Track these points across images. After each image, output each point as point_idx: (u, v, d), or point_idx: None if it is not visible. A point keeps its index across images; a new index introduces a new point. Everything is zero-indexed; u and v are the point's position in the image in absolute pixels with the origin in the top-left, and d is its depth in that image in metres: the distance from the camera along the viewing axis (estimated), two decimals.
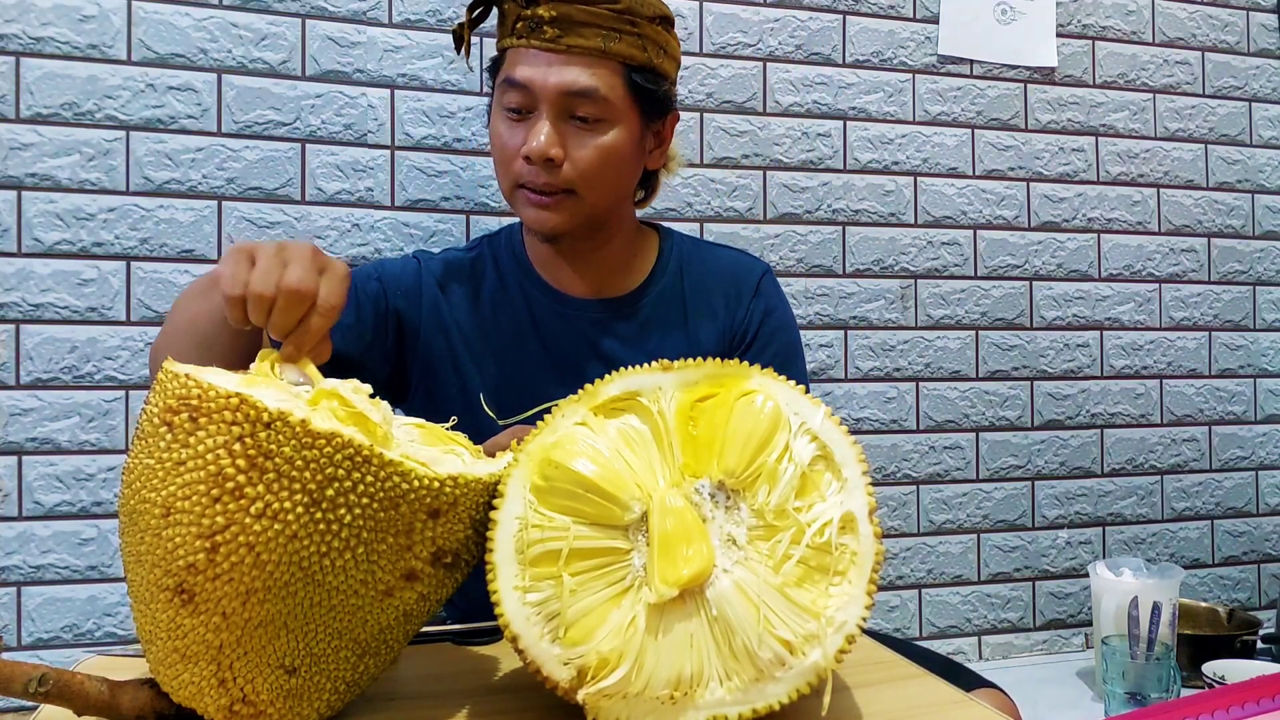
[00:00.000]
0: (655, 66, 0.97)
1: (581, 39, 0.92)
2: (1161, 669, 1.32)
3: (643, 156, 1.02)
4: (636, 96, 0.96)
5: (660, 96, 0.99)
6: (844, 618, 0.50)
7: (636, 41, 0.94)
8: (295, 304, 0.64)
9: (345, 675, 0.54)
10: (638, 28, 0.94)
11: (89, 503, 1.31)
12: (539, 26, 0.92)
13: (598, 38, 0.92)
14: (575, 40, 0.92)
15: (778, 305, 1.10)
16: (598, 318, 1.04)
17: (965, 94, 1.70)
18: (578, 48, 0.92)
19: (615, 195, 1.00)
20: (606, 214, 1.00)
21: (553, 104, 0.92)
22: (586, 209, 0.96)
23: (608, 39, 0.93)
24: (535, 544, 0.52)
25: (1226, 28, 1.85)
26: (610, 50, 0.93)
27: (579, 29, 0.92)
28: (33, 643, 1.29)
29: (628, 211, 1.07)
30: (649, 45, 0.96)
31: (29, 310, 1.29)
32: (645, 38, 0.95)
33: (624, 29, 0.94)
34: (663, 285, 1.07)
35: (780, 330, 1.08)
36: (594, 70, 0.92)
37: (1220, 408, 1.85)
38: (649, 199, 1.12)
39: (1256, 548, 1.87)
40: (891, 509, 1.67)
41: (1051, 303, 1.75)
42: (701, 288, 1.07)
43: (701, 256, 1.10)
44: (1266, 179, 1.88)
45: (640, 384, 0.57)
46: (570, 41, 0.91)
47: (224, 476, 0.47)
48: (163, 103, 1.34)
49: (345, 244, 1.41)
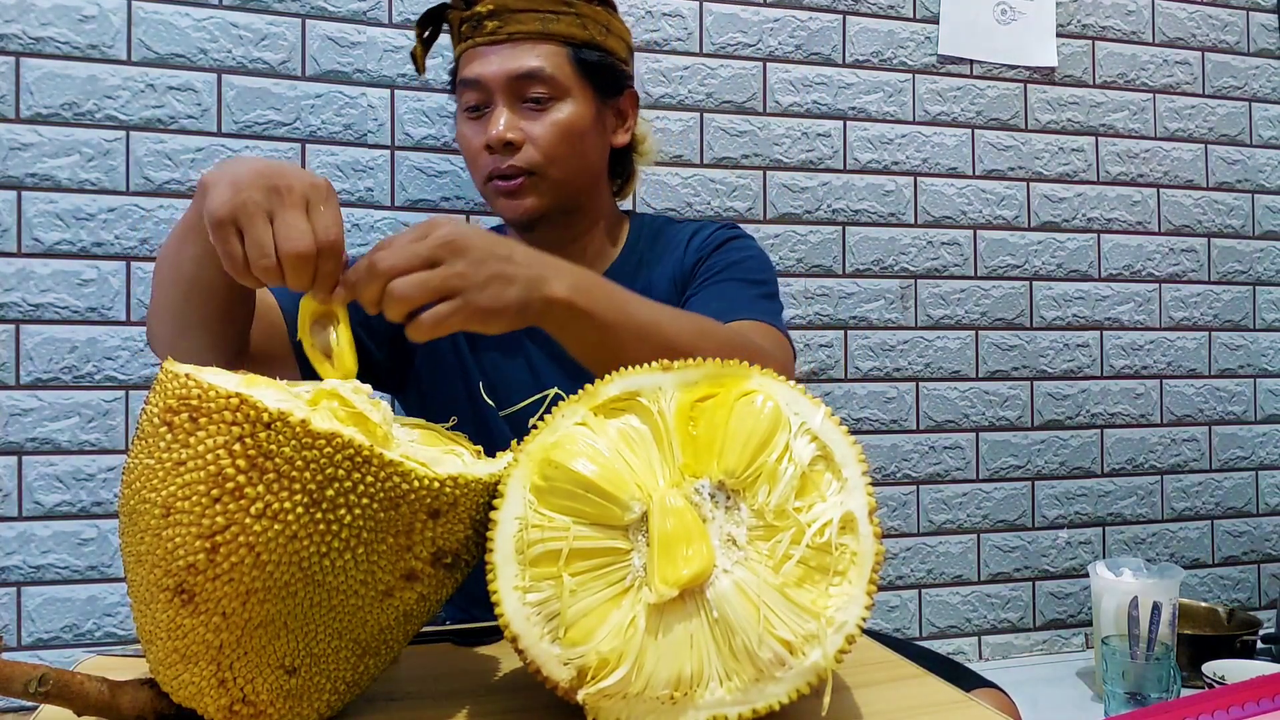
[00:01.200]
0: (599, 43, 1.00)
1: (521, 25, 0.96)
2: (1161, 669, 1.32)
3: (605, 134, 1.04)
4: (584, 74, 0.99)
5: (610, 72, 1.01)
6: (844, 618, 0.50)
7: (575, 21, 0.98)
8: (303, 266, 0.64)
9: (345, 675, 0.54)
10: (574, 8, 0.98)
11: (89, 503, 1.31)
12: (480, 24, 0.97)
13: (536, 21, 0.96)
14: (515, 27, 0.96)
15: (740, 236, 1.07)
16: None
17: (965, 94, 1.70)
18: (519, 33, 0.96)
19: (580, 172, 1.01)
20: (577, 195, 1.01)
21: (504, 91, 0.96)
22: (554, 188, 0.98)
23: (546, 21, 0.97)
24: (535, 544, 0.52)
25: (1226, 28, 1.85)
26: (550, 31, 0.97)
27: (517, 16, 0.96)
28: (33, 643, 1.29)
29: (604, 200, 1.08)
30: (589, 24, 0.99)
31: (29, 310, 1.29)
32: (584, 17, 0.99)
33: (561, 10, 0.98)
34: (631, 263, 1.08)
35: (742, 249, 1.05)
36: (536, 51, 0.96)
37: (1220, 408, 1.85)
38: (626, 187, 1.13)
39: (1256, 548, 1.87)
40: (891, 509, 1.67)
41: (1051, 303, 1.75)
42: (663, 255, 1.08)
43: (668, 231, 1.11)
44: (1266, 179, 1.88)
45: (640, 384, 0.57)
46: (510, 29, 0.96)
47: (224, 476, 0.47)
48: (163, 103, 1.34)
49: (345, 244, 1.41)
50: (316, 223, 0.65)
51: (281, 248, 0.63)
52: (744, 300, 0.97)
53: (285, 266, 0.63)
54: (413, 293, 0.65)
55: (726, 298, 0.97)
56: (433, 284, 0.66)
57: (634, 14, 1.53)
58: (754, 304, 0.97)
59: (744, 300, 0.97)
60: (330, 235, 0.65)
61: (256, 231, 0.64)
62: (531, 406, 1.01)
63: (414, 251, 0.66)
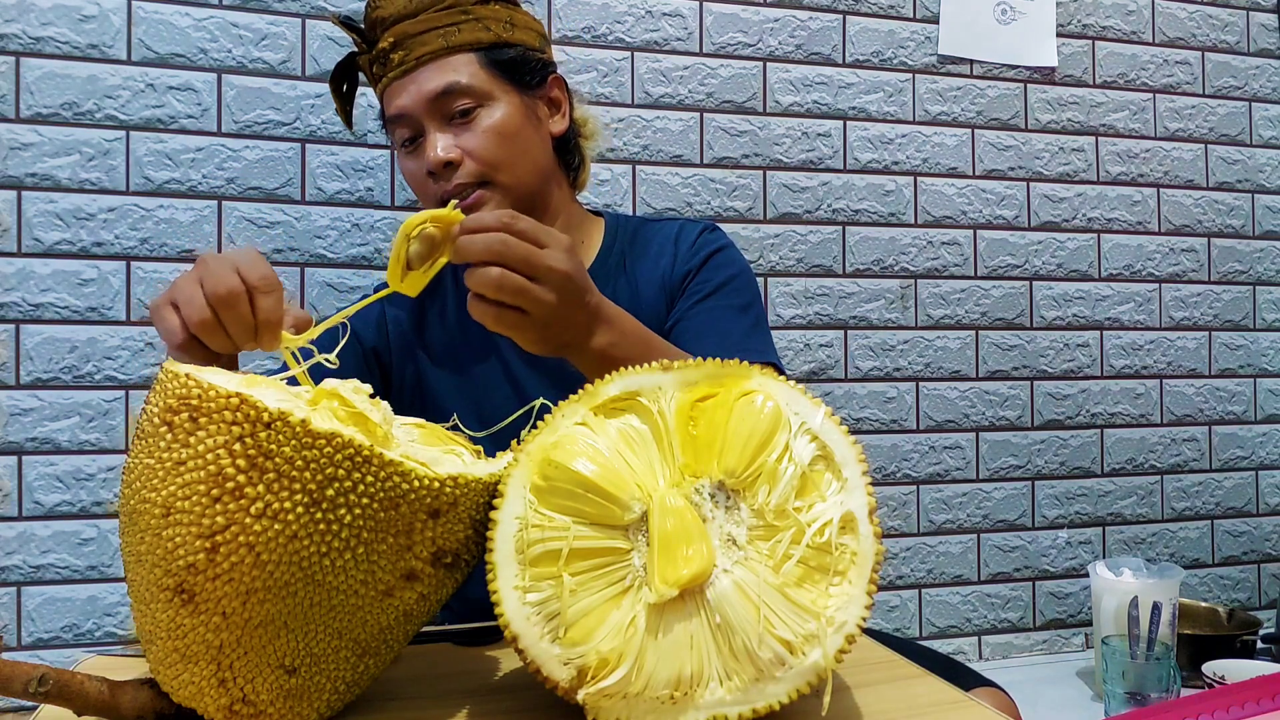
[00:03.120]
0: (506, 40, 1.00)
1: (425, 45, 0.96)
2: (1161, 669, 1.32)
3: (541, 126, 1.03)
4: (501, 73, 0.99)
5: (525, 65, 1.01)
6: (844, 618, 0.50)
7: (477, 25, 0.98)
8: (233, 304, 0.64)
9: (345, 675, 0.54)
10: (471, 14, 0.98)
11: (89, 503, 1.31)
12: (386, 59, 0.97)
13: (438, 38, 0.96)
14: (420, 50, 0.96)
15: (723, 247, 1.09)
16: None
17: (965, 94, 1.70)
18: (424, 55, 0.96)
19: (529, 170, 1.01)
20: (531, 194, 1.01)
21: (429, 115, 0.96)
22: (507, 192, 0.98)
23: (448, 35, 0.96)
24: (535, 544, 0.52)
25: (1226, 28, 1.85)
26: (454, 43, 0.97)
27: (418, 39, 0.96)
28: (33, 643, 1.29)
29: (560, 195, 1.07)
30: (490, 24, 0.99)
31: (29, 310, 1.29)
32: (483, 19, 0.99)
33: (458, 20, 0.97)
34: (609, 265, 1.07)
35: (728, 264, 1.06)
36: (447, 66, 0.96)
37: (1220, 408, 1.85)
38: (580, 175, 1.11)
39: (1256, 548, 1.87)
40: (891, 509, 1.67)
41: (1051, 303, 1.75)
42: (645, 256, 1.07)
43: (646, 231, 1.11)
44: (1266, 179, 1.88)
45: (640, 384, 0.57)
46: (417, 54, 0.96)
47: (224, 476, 0.47)
48: (163, 103, 1.34)
49: (345, 244, 1.42)
50: (244, 269, 0.65)
51: (209, 294, 0.64)
52: (739, 333, 0.99)
53: (218, 311, 0.64)
54: (489, 285, 0.70)
55: (722, 331, 0.97)
56: (509, 288, 0.70)
57: (634, 14, 1.53)
58: (750, 338, 1.00)
59: (739, 333, 0.99)
60: (256, 274, 0.65)
61: (186, 292, 0.65)
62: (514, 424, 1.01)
63: (529, 254, 0.71)
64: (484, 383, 1.03)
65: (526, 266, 0.71)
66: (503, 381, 1.03)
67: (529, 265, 0.71)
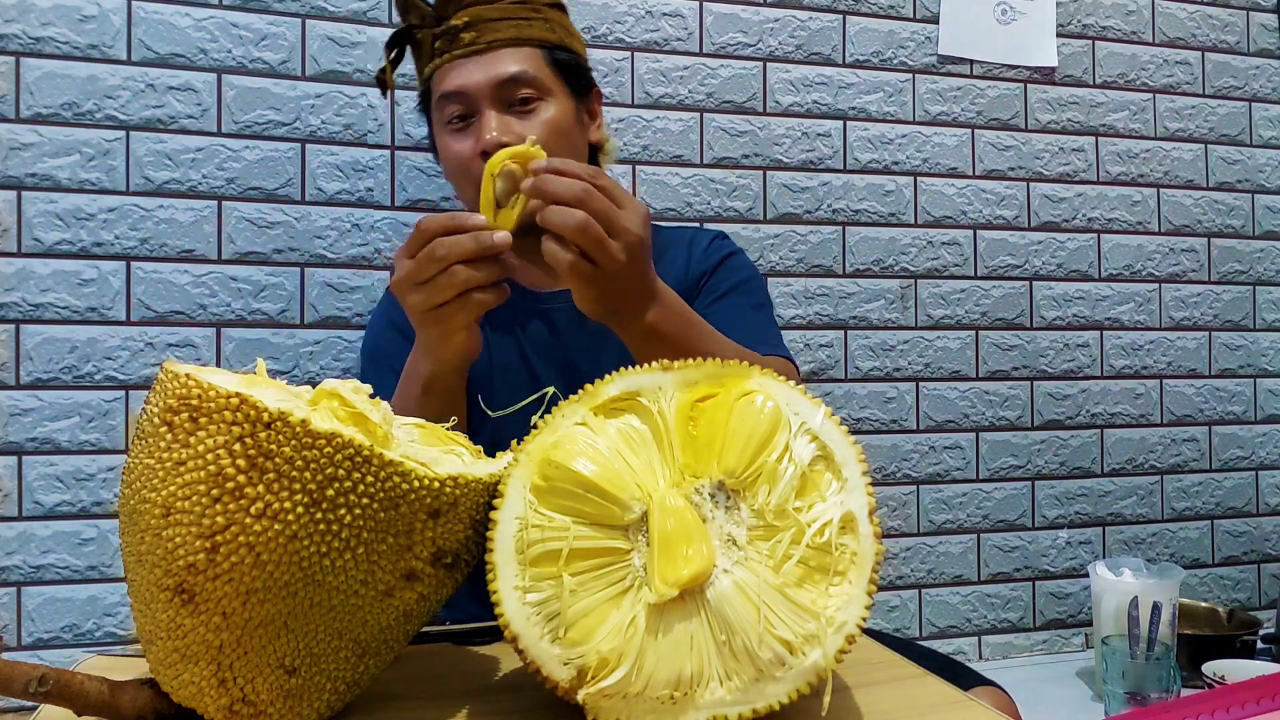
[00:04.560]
0: (567, 45, 1.04)
1: (497, 33, 0.98)
2: (1161, 669, 1.32)
3: (585, 131, 1.07)
4: (560, 73, 1.02)
5: (580, 72, 1.05)
6: (844, 618, 0.50)
7: (544, 25, 1.02)
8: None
9: (345, 675, 0.54)
10: (541, 13, 1.02)
11: (89, 503, 1.31)
12: (456, 36, 0.99)
13: (511, 28, 0.99)
14: (492, 36, 0.98)
15: (735, 252, 1.14)
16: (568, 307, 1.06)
17: (965, 94, 1.70)
18: (497, 41, 0.98)
19: None
20: None
21: (491, 98, 0.98)
22: None
23: (520, 27, 0.99)
24: (535, 544, 0.52)
25: (1226, 28, 1.85)
26: (525, 36, 0.99)
27: (492, 25, 0.98)
28: (33, 643, 1.29)
29: None
30: (555, 27, 1.03)
31: (29, 310, 1.29)
32: (550, 21, 1.03)
33: (530, 15, 1.01)
34: None
35: (741, 268, 1.12)
36: (517, 56, 0.98)
37: (1220, 408, 1.85)
38: None
39: (1256, 548, 1.87)
40: (891, 509, 1.67)
41: (1051, 303, 1.75)
42: (661, 259, 1.09)
43: (660, 236, 1.13)
44: (1266, 179, 1.88)
45: (640, 384, 0.57)
46: (489, 38, 0.98)
47: (224, 476, 0.47)
48: (163, 103, 1.34)
49: (345, 244, 1.42)
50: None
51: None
52: (756, 327, 1.02)
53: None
54: (572, 228, 0.72)
55: (741, 325, 1.00)
56: (591, 235, 0.72)
57: (634, 14, 1.53)
58: (766, 331, 1.04)
59: (756, 327, 1.02)
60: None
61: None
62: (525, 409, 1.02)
63: (609, 209, 0.72)
64: (502, 366, 1.05)
65: (605, 220, 0.72)
66: (520, 368, 1.06)
67: (608, 220, 0.72)
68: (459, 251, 0.74)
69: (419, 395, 0.86)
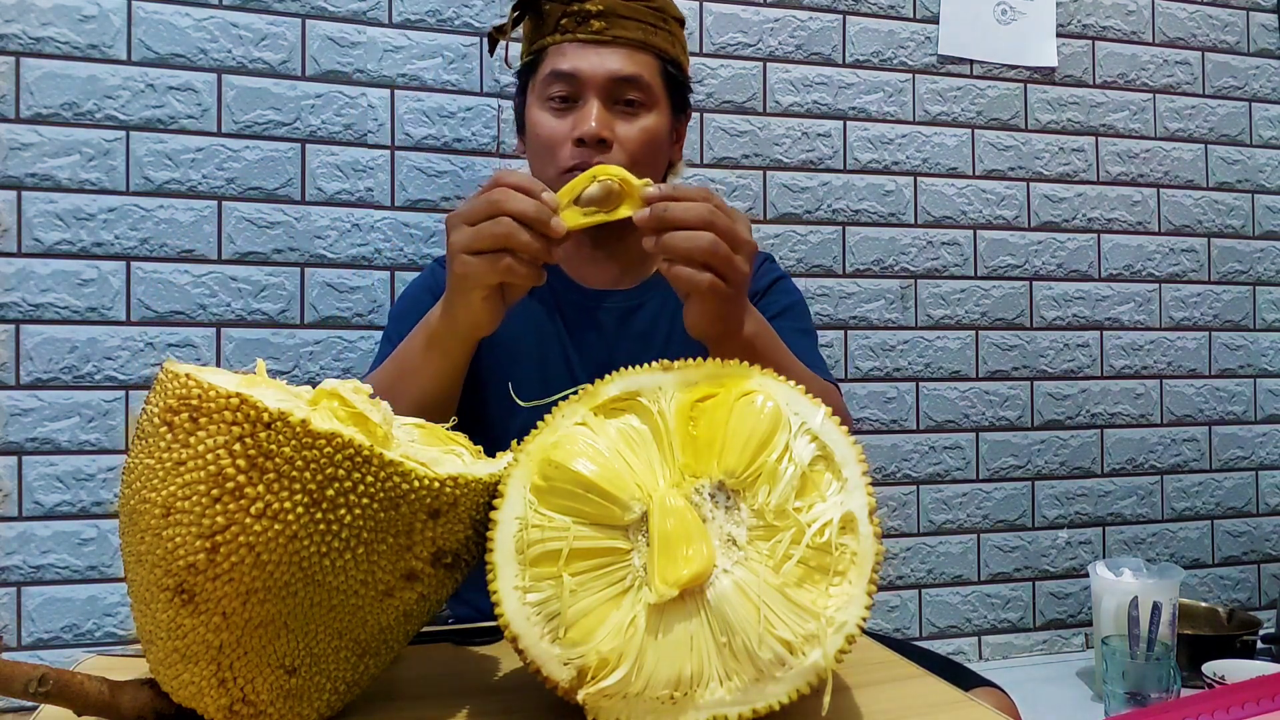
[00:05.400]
0: (680, 61, 1.05)
1: (625, 31, 0.99)
2: (1161, 669, 1.32)
3: (670, 149, 1.08)
4: (669, 87, 1.03)
5: (684, 91, 1.07)
6: (844, 618, 0.50)
7: (668, 37, 1.02)
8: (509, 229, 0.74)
9: (345, 675, 0.54)
10: (668, 25, 1.03)
11: (89, 503, 1.31)
12: (586, 20, 0.99)
13: (639, 30, 0.99)
14: (620, 32, 0.98)
15: (784, 276, 1.16)
16: (619, 308, 1.07)
17: (965, 94, 1.70)
18: (622, 39, 0.99)
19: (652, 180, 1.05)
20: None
21: (601, 90, 0.98)
22: None
23: (647, 32, 1.00)
24: (535, 544, 0.52)
25: (1226, 28, 1.85)
26: (649, 42, 1.00)
27: (623, 22, 0.99)
28: (33, 643, 1.29)
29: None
30: (675, 42, 1.04)
31: (29, 310, 1.29)
32: (673, 34, 1.04)
33: (659, 24, 1.01)
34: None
35: (789, 292, 1.14)
36: (637, 58, 0.99)
37: (1220, 408, 1.85)
38: None
39: (1256, 548, 1.87)
40: (891, 509, 1.67)
41: (1051, 303, 1.75)
42: None
43: None
44: (1266, 179, 1.88)
45: (640, 384, 0.57)
46: (616, 33, 0.98)
47: (224, 476, 0.47)
48: (163, 103, 1.34)
49: (345, 244, 1.42)
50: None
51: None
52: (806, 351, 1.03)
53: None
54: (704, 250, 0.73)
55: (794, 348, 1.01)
56: (721, 255, 0.74)
57: None
58: (813, 355, 1.06)
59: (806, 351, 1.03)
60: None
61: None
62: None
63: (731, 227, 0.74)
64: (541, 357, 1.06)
65: (729, 237, 0.73)
66: (560, 362, 1.06)
67: (731, 236, 0.74)
68: (517, 208, 0.75)
69: (422, 345, 0.86)
